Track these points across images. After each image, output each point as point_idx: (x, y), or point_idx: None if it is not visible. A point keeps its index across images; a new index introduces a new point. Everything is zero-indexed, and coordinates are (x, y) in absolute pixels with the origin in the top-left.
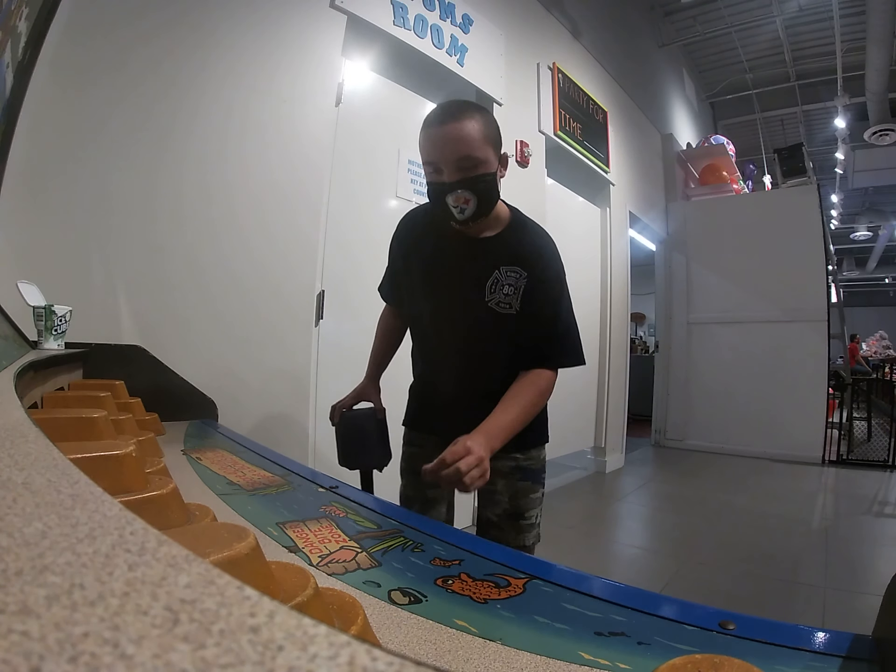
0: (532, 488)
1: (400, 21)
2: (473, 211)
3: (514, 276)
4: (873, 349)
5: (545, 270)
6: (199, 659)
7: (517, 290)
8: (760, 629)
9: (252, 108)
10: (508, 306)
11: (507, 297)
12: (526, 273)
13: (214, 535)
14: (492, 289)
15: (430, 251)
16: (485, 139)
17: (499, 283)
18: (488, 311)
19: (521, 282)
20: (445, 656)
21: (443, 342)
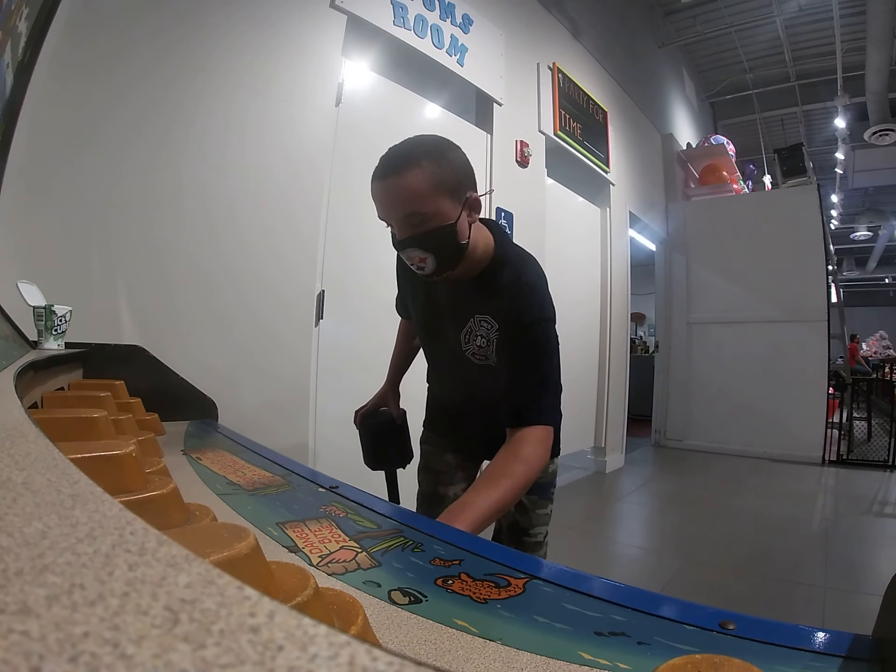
0: (539, 503)
1: (400, 21)
2: (433, 268)
3: (485, 326)
4: (873, 349)
5: (519, 316)
6: (199, 659)
7: (489, 341)
8: (760, 629)
9: (252, 108)
10: (484, 358)
11: (480, 349)
12: (496, 323)
13: (214, 535)
14: (466, 339)
15: (423, 288)
16: (434, 189)
17: (472, 334)
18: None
19: (491, 333)
20: (445, 656)
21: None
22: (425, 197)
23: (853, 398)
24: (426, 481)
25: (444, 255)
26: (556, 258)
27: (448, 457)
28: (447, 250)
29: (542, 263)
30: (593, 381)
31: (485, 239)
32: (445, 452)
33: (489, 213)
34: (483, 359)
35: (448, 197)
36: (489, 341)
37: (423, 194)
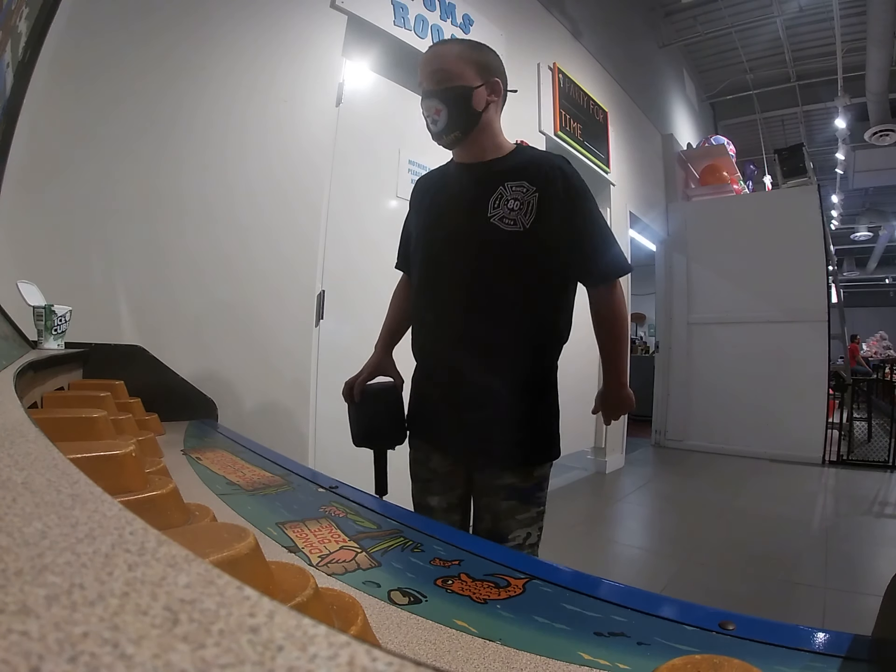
0: (520, 508)
1: (400, 21)
2: (445, 123)
3: (520, 190)
4: (873, 349)
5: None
6: (198, 659)
7: (524, 205)
8: (760, 629)
9: (252, 109)
10: (513, 223)
11: (511, 213)
12: (535, 187)
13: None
14: (495, 204)
15: (436, 191)
16: (460, 57)
17: (503, 198)
18: (491, 229)
19: (529, 196)
20: (445, 656)
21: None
22: (453, 60)
23: (853, 398)
24: (415, 491)
25: (456, 112)
26: None
27: (433, 462)
28: (460, 108)
29: None
30: (593, 381)
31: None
32: (430, 458)
33: None
34: (512, 223)
35: (473, 67)
36: (525, 204)
37: (451, 58)
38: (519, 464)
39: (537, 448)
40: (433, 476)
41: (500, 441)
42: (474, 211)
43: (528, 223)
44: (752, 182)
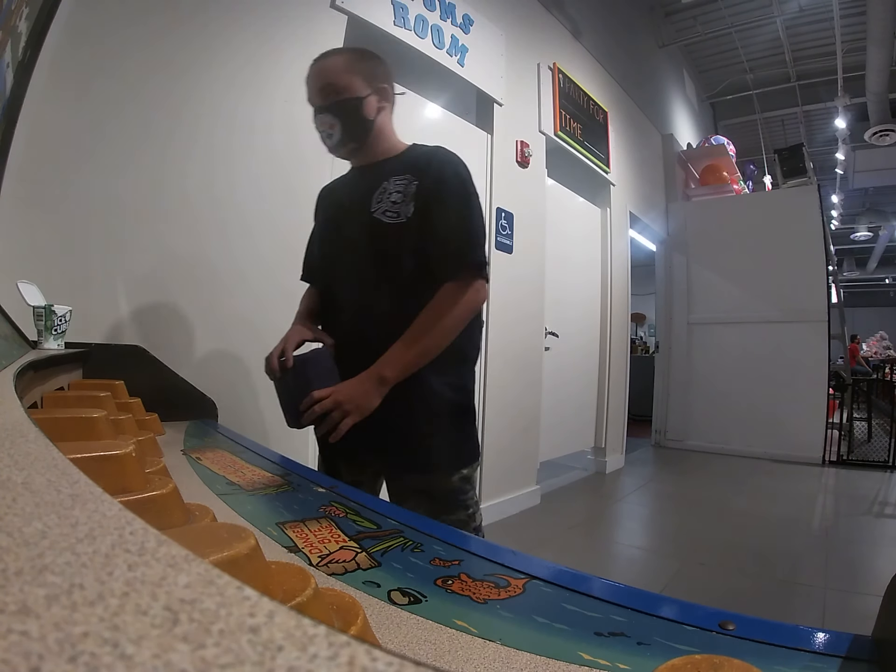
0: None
1: (400, 21)
2: (340, 136)
3: (402, 183)
4: (874, 349)
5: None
6: (198, 659)
7: (406, 195)
8: (760, 629)
9: (253, 109)
10: (396, 214)
11: (394, 205)
12: (416, 179)
13: (214, 535)
14: (378, 198)
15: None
16: (346, 69)
17: (386, 192)
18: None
19: (410, 187)
20: (445, 656)
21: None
22: (338, 72)
23: (853, 399)
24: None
25: (349, 124)
26: (557, 258)
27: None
28: (353, 119)
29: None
30: (593, 381)
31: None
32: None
33: (489, 214)
34: (395, 215)
35: (360, 77)
36: (406, 195)
37: (337, 71)
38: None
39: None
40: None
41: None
42: (359, 208)
43: (409, 213)
44: (752, 182)
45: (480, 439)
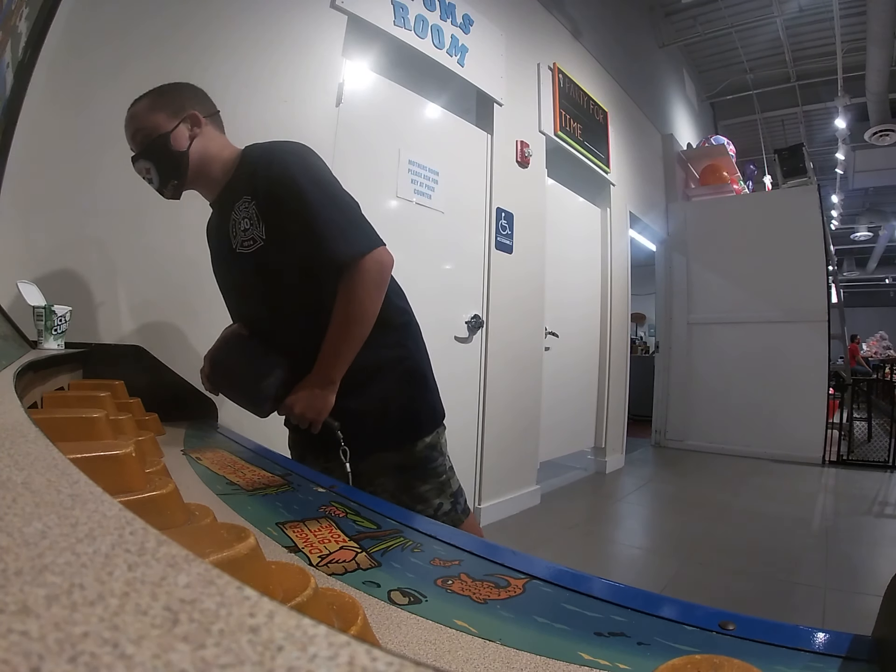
0: (414, 482)
1: (400, 21)
2: (159, 179)
3: (244, 208)
4: (874, 349)
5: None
6: (198, 659)
7: (251, 219)
8: (760, 629)
9: (253, 109)
10: (252, 241)
11: (246, 233)
12: (252, 197)
13: (214, 535)
14: (234, 233)
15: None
16: (149, 110)
17: (235, 223)
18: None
19: (251, 208)
20: (445, 656)
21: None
22: (142, 116)
23: (853, 399)
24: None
25: (163, 164)
26: (557, 259)
27: (308, 461)
28: (164, 158)
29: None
30: (593, 381)
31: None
32: (303, 458)
33: (489, 214)
34: (252, 242)
35: (162, 113)
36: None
37: (141, 115)
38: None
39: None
40: None
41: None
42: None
43: (262, 234)
44: (752, 182)
45: (479, 437)
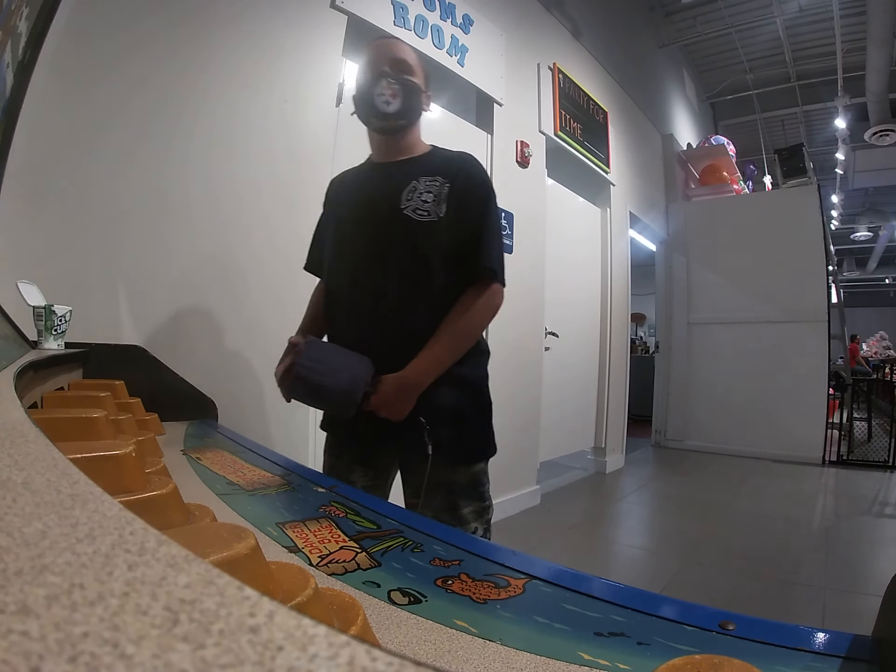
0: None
1: (400, 21)
2: (398, 107)
3: (434, 184)
4: (874, 350)
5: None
6: (198, 659)
7: (438, 196)
8: (760, 629)
9: (253, 109)
10: (427, 213)
11: (425, 204)
12: (447, 181)
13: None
14: (408, 196)
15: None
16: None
17: (416, 191)
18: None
19: (443, 189)
20: (445, 656)
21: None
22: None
23: (853, 399)
24: None
25: (409, 99)
26: (557, 258)
27: (354, 475)
28: (413, 99)
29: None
30: (593, 381)
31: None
32: (351, 469)
33: None
34: (426, 214)
35: (423, 73)
36: (438, 196)
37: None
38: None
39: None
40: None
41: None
42: (387, 204)
43: (441, 213)
44: (752, 182)
45: None
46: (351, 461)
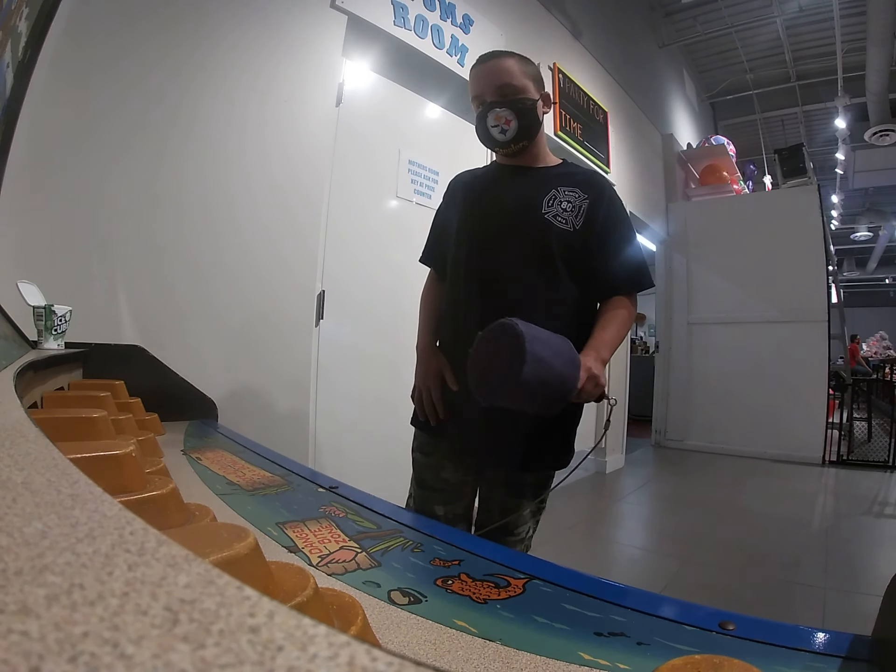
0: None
1: (400, 21)
2: (515, 132)
3: (573, 195)
4: (873, 350)
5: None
6: (198, 659)
7: (577, 208)
8: (760, 629)
9: (252, 109)
10: (565, 221)
11: (564, 213)
12: (587, 195)
13: (214, 535)
14: (549, 202)
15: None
16: (522, 72)
17: (556, 199)
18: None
19: (581, 202)
20: (445, 656)
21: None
22: (517, 75)
23: (853, 398)
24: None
25: (525, 122)
26: None
27: (446, 472)
28: (528, 118)
29: None
30: None
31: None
32: (442, 467)
33: None
34: (564, 222)
35: (532, 82)
36: (577, 208)
37: (516, 73)
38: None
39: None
40: (444, 486)
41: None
42: (528, 207)
43: (578, 224)
44: (752, 182)
45: None
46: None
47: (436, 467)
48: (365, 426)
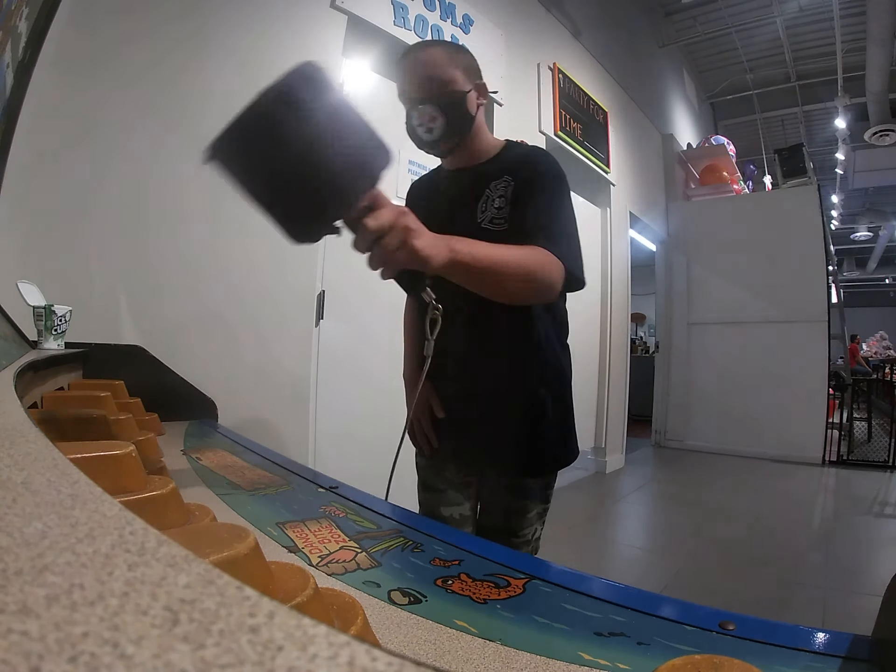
0: (529, 506)
1: (400, 21)
2: (442, 130)
3: (502, 186)
4: (873, 350)
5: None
6: (198, 659)
7: (506, 198)
8: (760, 629)
9: None
10: (502, 221)
11: (499, 212)
12: (512, 178)
13: (214, 535)
14: (483, 207)
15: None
16: (449, 61)
17: (489, 199)
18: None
19: (508, 188)
20: (445, 656)
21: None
22: (442, 65)
23: (853, 399)
24: (427, 501)
25: (453, 118)
26: None
27: (448, 473)
28: (457, 114)
29: None
30: (593, 381)
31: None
32: (444, 468)
33: None
34: (499, 223)
35: (461, 71)
36: (507, 199)
37: (440, 63)
38: (539, 470)
39: (558, 453)
40: (448, 486)
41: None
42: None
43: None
44: (752, 182)
45: None
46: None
47: (438, 470)
48: (366, 426)
